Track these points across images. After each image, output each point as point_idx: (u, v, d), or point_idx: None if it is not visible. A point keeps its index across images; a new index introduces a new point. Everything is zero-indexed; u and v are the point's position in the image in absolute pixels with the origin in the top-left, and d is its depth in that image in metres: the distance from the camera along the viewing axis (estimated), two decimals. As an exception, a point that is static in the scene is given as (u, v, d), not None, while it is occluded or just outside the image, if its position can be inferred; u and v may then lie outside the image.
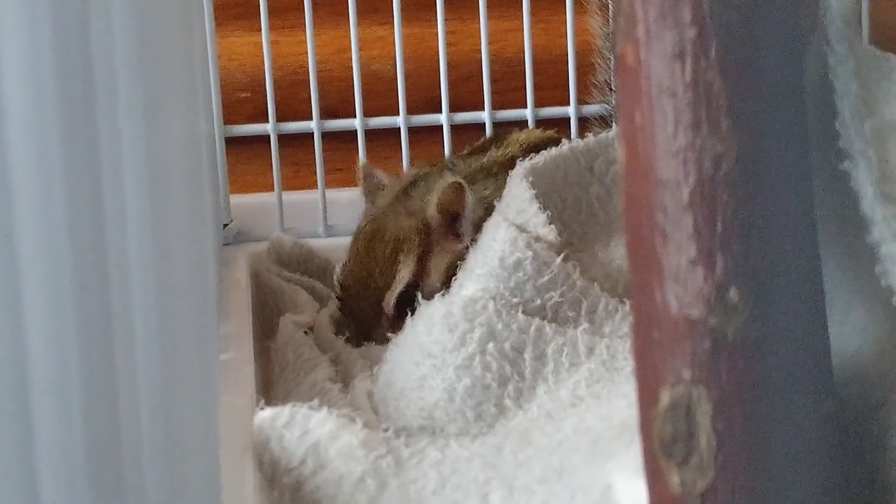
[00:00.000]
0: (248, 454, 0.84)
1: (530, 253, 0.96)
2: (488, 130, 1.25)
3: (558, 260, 0.96)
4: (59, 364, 0.50)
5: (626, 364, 0.92)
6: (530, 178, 1.00)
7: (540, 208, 0.98)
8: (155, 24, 0.56)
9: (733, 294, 0.64)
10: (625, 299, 0.97)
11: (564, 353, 0.93)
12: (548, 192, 1.01)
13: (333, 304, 1.13)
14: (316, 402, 0.88)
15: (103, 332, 0.51)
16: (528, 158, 1.02)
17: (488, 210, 1.04)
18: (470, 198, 1.07)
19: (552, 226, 0.98)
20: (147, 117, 0.54)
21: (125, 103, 0.52)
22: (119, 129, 0.51)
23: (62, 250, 0.49)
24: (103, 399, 0.52)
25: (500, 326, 0.93)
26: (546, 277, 0.96)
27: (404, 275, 1.06)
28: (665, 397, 0.66)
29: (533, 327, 0.93)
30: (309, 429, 0.85)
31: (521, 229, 0.97)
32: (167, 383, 0.59)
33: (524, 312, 0.94)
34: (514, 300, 0.95)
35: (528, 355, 0.93)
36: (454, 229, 1.08)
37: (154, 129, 0.55)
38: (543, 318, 0.94)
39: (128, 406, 0.53)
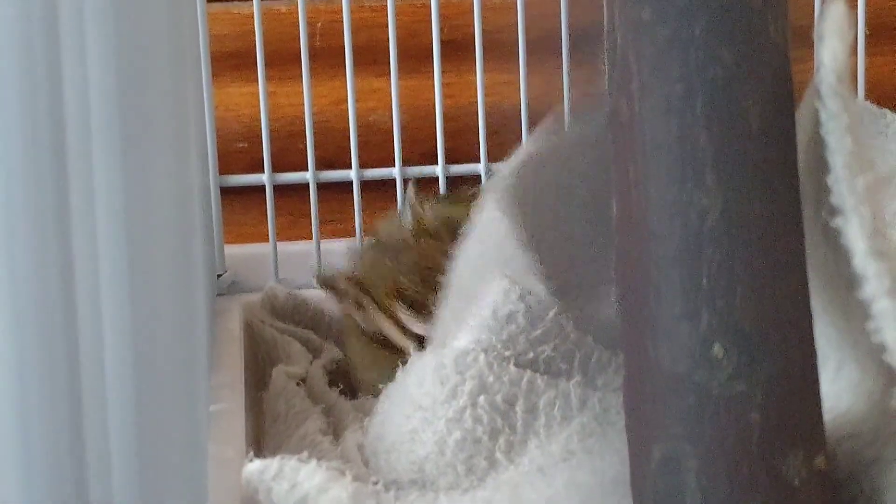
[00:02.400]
0: (237, 506, 0.84)
1: (523, 306, 0.95)
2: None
3: (551, 314, 0.96)
4: (21, 415, 0.49)
5: (619, 418, 0.91)
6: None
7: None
8: (135, 74, 0.56)
9: (717, 350, 0.64)
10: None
11: (556, 407, 0.92)
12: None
13: (328, 355, 1.12)
14: (305, 454, 0.87)
15: (70, 379, 0.50)
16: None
17: None
18: None
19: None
20: (126, 168, 0.53)
21: (99, 154, 0.51)
22: (92, 179, 0.51)
23: (25, 303, 0.49)
24: (70, 445, 0.51)
25: (491, 379, 0.92)
26: (539, 331, 0.95)
27: None
28: (656, 454, 0.66)
29: (525, 380, 0.93)
30: (298, 482, 0.85)
31: (513, 281, 0.97)
32: (146, 434, 0.58)
33: (516, 365, 0.94)
34: (507, 353, 0.94)
35: (519, 408, 0.92)
36: None
37: (133, 180, 0.55)
38: (535, 371, 0.94)
39: (100, 456, 0.53)
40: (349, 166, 1.25)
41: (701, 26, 0.64)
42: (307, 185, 1.25)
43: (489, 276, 0.98)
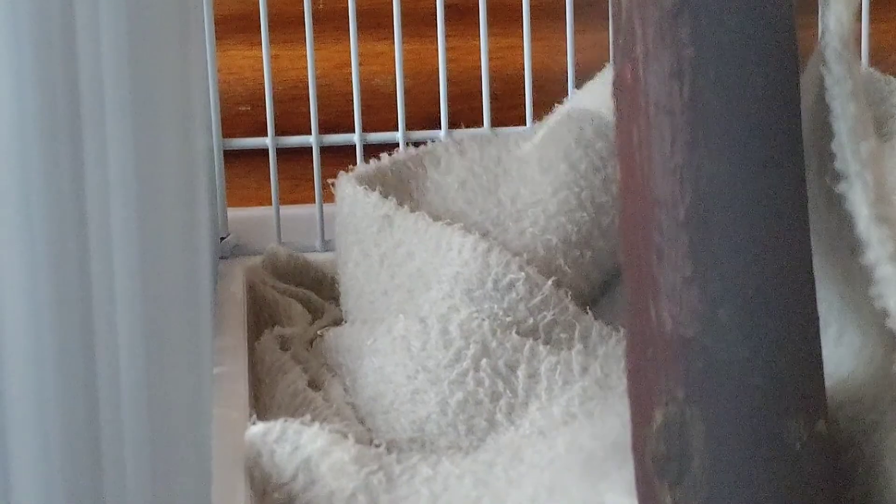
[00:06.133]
0: (240, 469, 0.84)
1: (523, 274, 0.98)
2: (487, 147, 1.25)
3: (549, 283, 0.98)
4: (36, 375, 0.50)
5: (621, 383, 0.92)
6: (360, 183, 1.06)
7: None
8: (145, 36, 0.56)
9: (725, 313, 0.64)
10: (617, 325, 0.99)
11: (558, 372, 0.94)
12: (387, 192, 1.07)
13: (329, 316, 1.13)
14: (308, 417, 0.88)
15: (83, 343, 0.50)
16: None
17: None
18: None
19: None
20: (135, 130, 0.53)
21: (112, 116, 0.51)
22: (105, 142, 0.51)
23: (41, 261, 0.49)
24: (83, 409, 0.51)
25: (494, 345, 0.94)
26: (538, 298, 0.97)
27: None
28: (658, 416, 0.66)
29: (527, 347, 0.94)
30: (300, 444, 0.85)
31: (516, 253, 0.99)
32: (155, 396, 0.59)
33: (518, 333, 0.95)
34: (507, 319, 0.96)
35: (521, 373, 0.93)
36: None
37: (143, 142, 0.55)
38: (537, 340, 0.96)
39: (110, 418, 0.53)
40: (352, 130, 1.25)
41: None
42: (310, 149, 1.25)
43: (485, 249, 0.99)
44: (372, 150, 1.26)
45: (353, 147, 1.25)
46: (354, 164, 1.24)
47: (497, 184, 1.06)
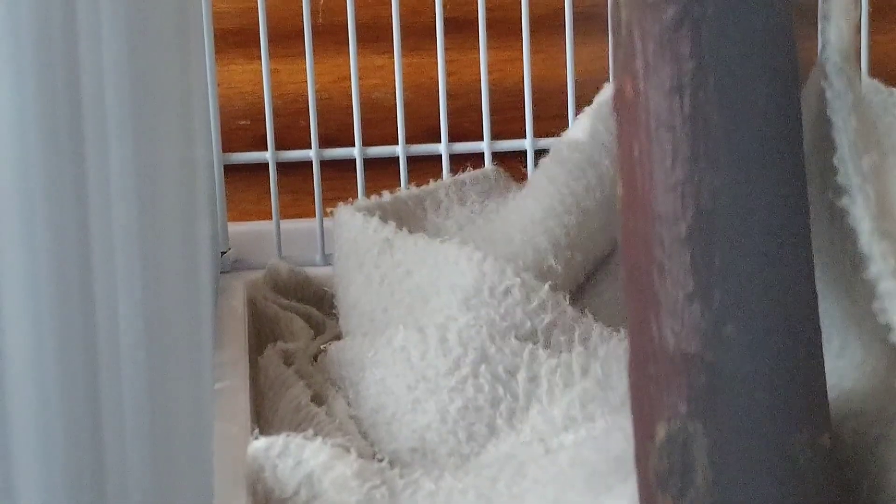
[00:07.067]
0: (242, 483, 0.84)
1: (518, 280, 0.99)
2: (487, 161, 1.25)
3: (546, 287, 0.99)
4: (39, 392, 0.50)
5: (621, 382, 0.93)
6: (362, 212, 1.08)
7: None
8: (146, 51, 0.56)
9: (729, 329, 0.64)
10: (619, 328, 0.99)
11: (558, 374, 0.95)
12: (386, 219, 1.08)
13: (330, 332, 1.13)
14: (310, 432, 0.88)
15: (84, 357, 0.50)
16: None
17: None
18: None
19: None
20: (136, 144, 0.54)
21: (112, 130, 0.51)
22: (106, 156, 0.51)
23: (42, 276, 0.49)
24: (85, 423, 0.51)
25: (492, 350, 0.95)
26: (535, 303, 0.98)
27: None
28: (661, 431, 0.66)
29: (527, 351, 0.95)
30: (303, 459, 0.85)
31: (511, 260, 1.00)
32: (156, 411, 0.58)
33: (517, 338, 0.96)
34: (505, 325, 0.97)
35: (521, 377, 0.94)
36: None
37: (144, 157, 0.55)
38: (536, 343, 0.96)
39: (114, 433, 0.53)
40: (352, 144, 1.25)
41: (714, 5, 0.64)
42: (310, 163, 1.25)
43: (479, 258, 1.00)
44: (372, 164, 1.26)
45: (354, 161, 1.25)
46: (355, 177, 1.24)
47: (493, 226, 1.08)
